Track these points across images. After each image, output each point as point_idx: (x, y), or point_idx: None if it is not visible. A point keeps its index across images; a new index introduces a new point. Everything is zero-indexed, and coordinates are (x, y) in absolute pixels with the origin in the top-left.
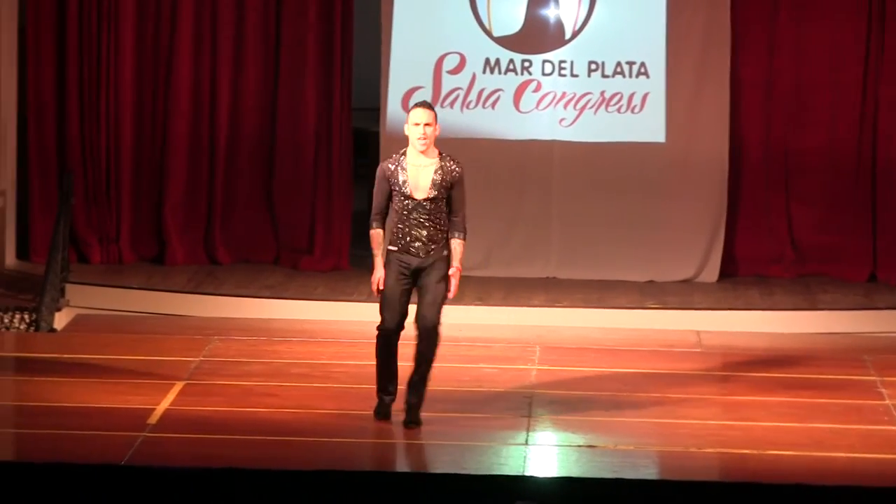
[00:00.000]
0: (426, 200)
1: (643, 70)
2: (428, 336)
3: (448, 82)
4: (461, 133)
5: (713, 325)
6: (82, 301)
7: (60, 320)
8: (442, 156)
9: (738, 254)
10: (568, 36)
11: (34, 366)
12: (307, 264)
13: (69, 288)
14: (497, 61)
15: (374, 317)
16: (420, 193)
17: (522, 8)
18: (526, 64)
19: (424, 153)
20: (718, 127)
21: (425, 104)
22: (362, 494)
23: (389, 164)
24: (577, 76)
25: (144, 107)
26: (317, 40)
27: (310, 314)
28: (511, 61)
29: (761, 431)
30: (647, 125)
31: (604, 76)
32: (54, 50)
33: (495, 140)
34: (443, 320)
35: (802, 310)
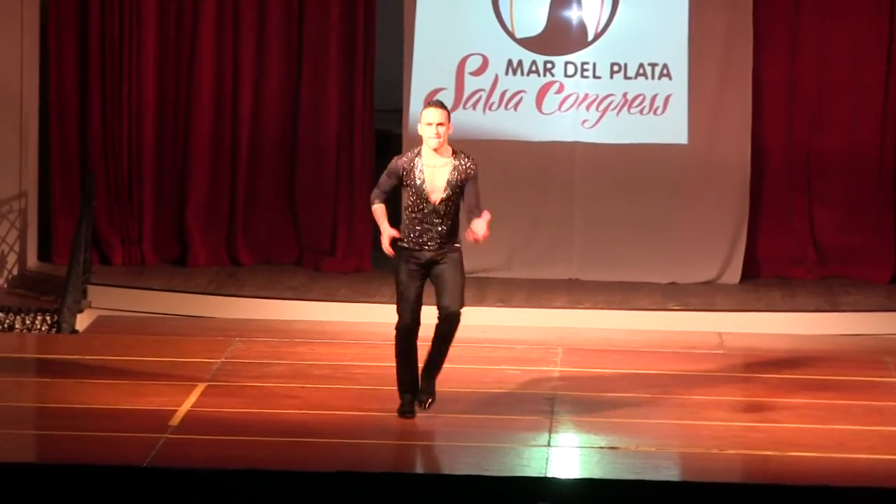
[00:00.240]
0: (441, 202)
1: (665, 71)
2: (450, 319)
3: (470, 84)
4: (484, 135)
5: (735, 327)
6: (104, 302)
7: (82, 322)
8: (456, 154)
9: (761, 255)
10: (590, 37)
11: (56, 367)
12: (329, 266)
13: (91, 289)
14: (519, 63)
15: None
16: (436, 195)
17: (545, 9)
18: (548, 65)
19: (438, 152)
20: (741, 128)
21: (438, 103)
22: (384, 496)
23: (405, 163)
24: (600, 78)
25: (166, 107)
26: (339, 41)
27: (332, 316)
28: (533, 63)
29: (783, 433)
30: (670, 126)
31: (626, 78)
32: (76, 50)
33: (518, 142)
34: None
35: (824, 311)
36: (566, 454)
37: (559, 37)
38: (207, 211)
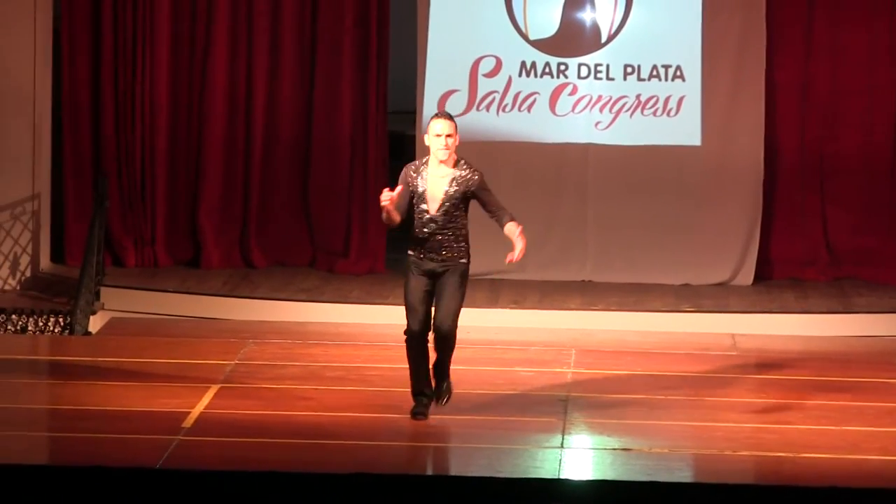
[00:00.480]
0: (439, 212)
1: (679, 73)
2: (443, 339)
3: (484, 85)
4: (497, 136)
5: (748, 328)
6: (117, 304)
7: (95, 324)
8: (458, 164)
9: (774, 257)
10: (604, 39)
11: (69, 369)
12: (343, 268)
13: (104, 291)
14: (533, 64)
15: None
16: (434, 205)
17: (558, 11)
18: (562, 67)
19: (444, 163)
20: (754, 130)
21: (445, 115)
22: (397, 497)
23: (412, 171)
24: (613, 79)
25: (180, 110)
26: (353, 43)
27: (345, 317)
28: (547, 64)
29: (796, 434)
30: (683, 128)
31: (639, 79)
32: (89, 52)
33: (531, 143)
34: (459, 324)
35: (837, 313)
36: (579, 456)
37: (573, 38)
38: (221, 213)
